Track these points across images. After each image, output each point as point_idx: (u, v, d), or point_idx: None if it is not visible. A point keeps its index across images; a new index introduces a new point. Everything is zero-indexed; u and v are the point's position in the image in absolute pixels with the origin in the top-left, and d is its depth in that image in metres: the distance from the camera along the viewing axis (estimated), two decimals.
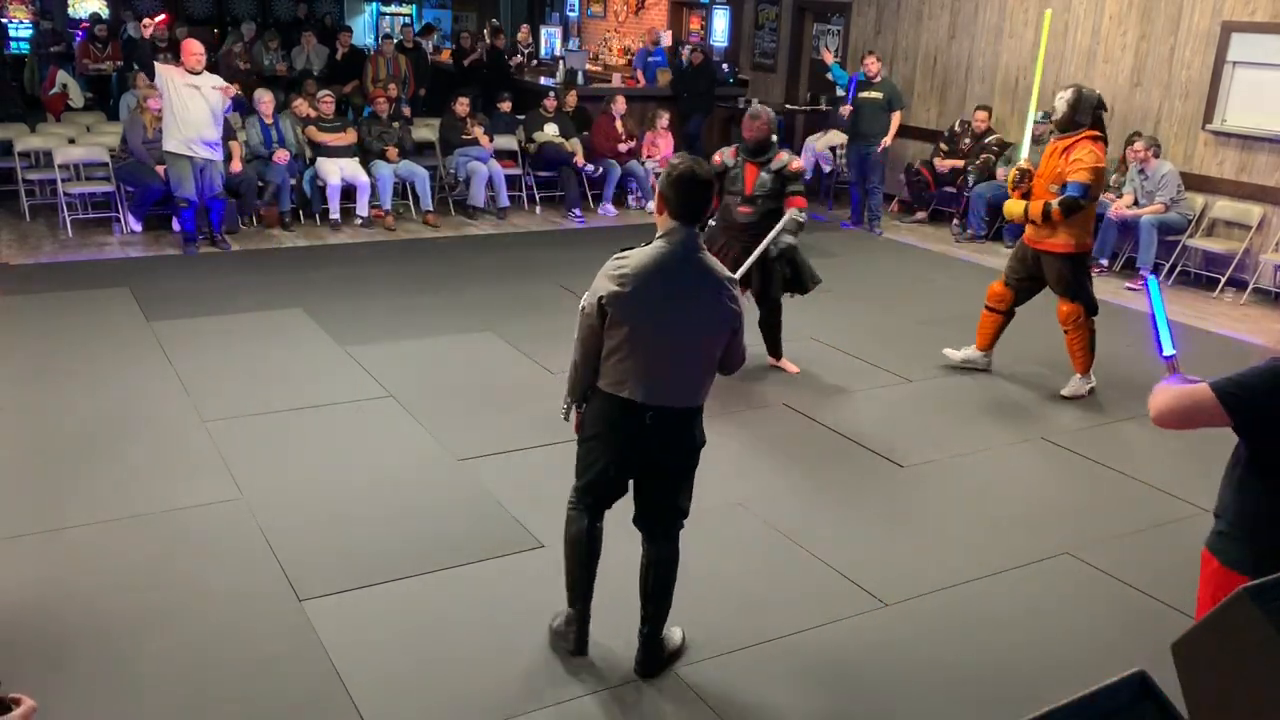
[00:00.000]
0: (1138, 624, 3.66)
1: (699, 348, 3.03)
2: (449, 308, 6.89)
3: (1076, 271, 5.55)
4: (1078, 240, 5.46)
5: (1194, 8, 8.26)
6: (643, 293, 2.94)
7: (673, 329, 2.98)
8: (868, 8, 11.10)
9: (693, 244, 3.00)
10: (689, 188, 2.98)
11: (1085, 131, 5.36)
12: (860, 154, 9.65)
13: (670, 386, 3.02)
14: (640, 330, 2.96)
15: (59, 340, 5.96)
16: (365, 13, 18.91)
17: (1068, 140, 5.39)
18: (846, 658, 3.42)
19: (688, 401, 3.07)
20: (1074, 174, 5.29)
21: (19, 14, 14.61)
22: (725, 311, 3.01)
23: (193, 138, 7.52)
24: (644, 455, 3.12)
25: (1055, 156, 5.44)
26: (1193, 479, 4.73)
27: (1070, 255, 5.49)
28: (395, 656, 3.31)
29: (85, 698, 3.07)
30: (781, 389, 5.73)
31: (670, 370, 3.01)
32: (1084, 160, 5.29)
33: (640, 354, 2.98)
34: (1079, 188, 5.28)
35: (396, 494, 4.39)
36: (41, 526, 4.00)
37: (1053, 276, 5.58)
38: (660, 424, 3.04)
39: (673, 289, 2.97)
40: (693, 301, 2.99)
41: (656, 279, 2.95)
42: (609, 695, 3.17)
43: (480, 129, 9.66)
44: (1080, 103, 5.33)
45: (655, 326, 2.97)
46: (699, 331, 3.01)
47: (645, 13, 14.74)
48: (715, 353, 3.07)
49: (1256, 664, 1.54)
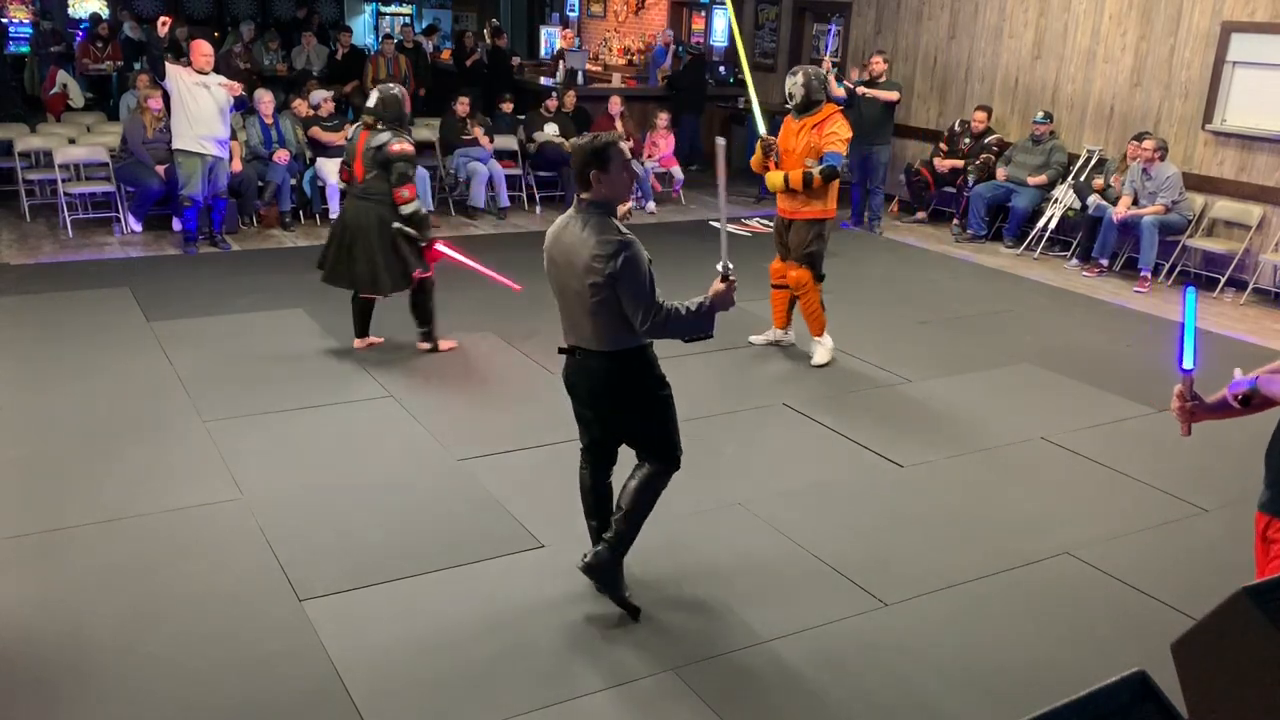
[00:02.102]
0: (1138, 624, 3.66)
1: (579, 296, 3.37)
2: (448, 308, 6.89)
3: (820, 237, 5.95)
4: (824, 207, 5.90)
5: (1194, 8, 8.26)
6: (547, 248, 3.46)
7: (563, 278, 3.42)
8: (868, 8, 11.10)
9: (585, 209, 3.38)
10: (584, 161, 3.35)
11: (827, 106, 5.83)
12: (862, 155, 9.65)
13: (571, 327, 3.47)
14: (550, 277, 3.47)
15: (59, 340, 5.97)
16: (365, 13, 18.91)
17: (816, 117, 5.79)
18: (846, 658, 3.42)
19: (591, 344, 3.43)
20: (830, 145, 5.71)
21: (19, 14, 14.61)
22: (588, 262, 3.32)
23: (204, 135, 7.58)
24: (582, 391, 3.54)
25: (806, 132, 5.80)
26: (1193, 479, 4.73)
27: (818, 220, 5.92)
28: (395, 656, 3.31)
29: (85, 697, 3.07)
30: (782, 389, 5.73)
31: (568, 313, 3.46)
32: (838, 132, 5.74)
33: (557, 299, 3.48)
34: (837, 157, 5.74)
35: (396, 494, 4.39)
36: (41, 526, 4.00)
37: (798, 242, 5.96)
38: (581, 362, 3.47)
39: (560, 246, 3.42)
40: (570, 255, 3.37)
41: (555, 236, 3.44)
42: (609, 695, 3.17)
43: (480, 129, 9.66)
44: (811, 84, 5.78)
45: (556, 276, 3.44)
46: (576, 282, 3.35)
47: (645, 12, 14.74)
48: (595, 303, 3.33)
49: (1256, 664, 1.54)
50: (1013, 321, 7.19)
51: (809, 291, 6.00)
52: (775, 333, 6.40)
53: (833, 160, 5.71)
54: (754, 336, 6.45)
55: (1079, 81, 9.15)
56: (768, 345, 6.39)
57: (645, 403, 3.51)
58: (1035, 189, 9.13)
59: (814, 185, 5.75)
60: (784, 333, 6.40)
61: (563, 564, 3.91)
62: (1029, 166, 9.20)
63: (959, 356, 6.37)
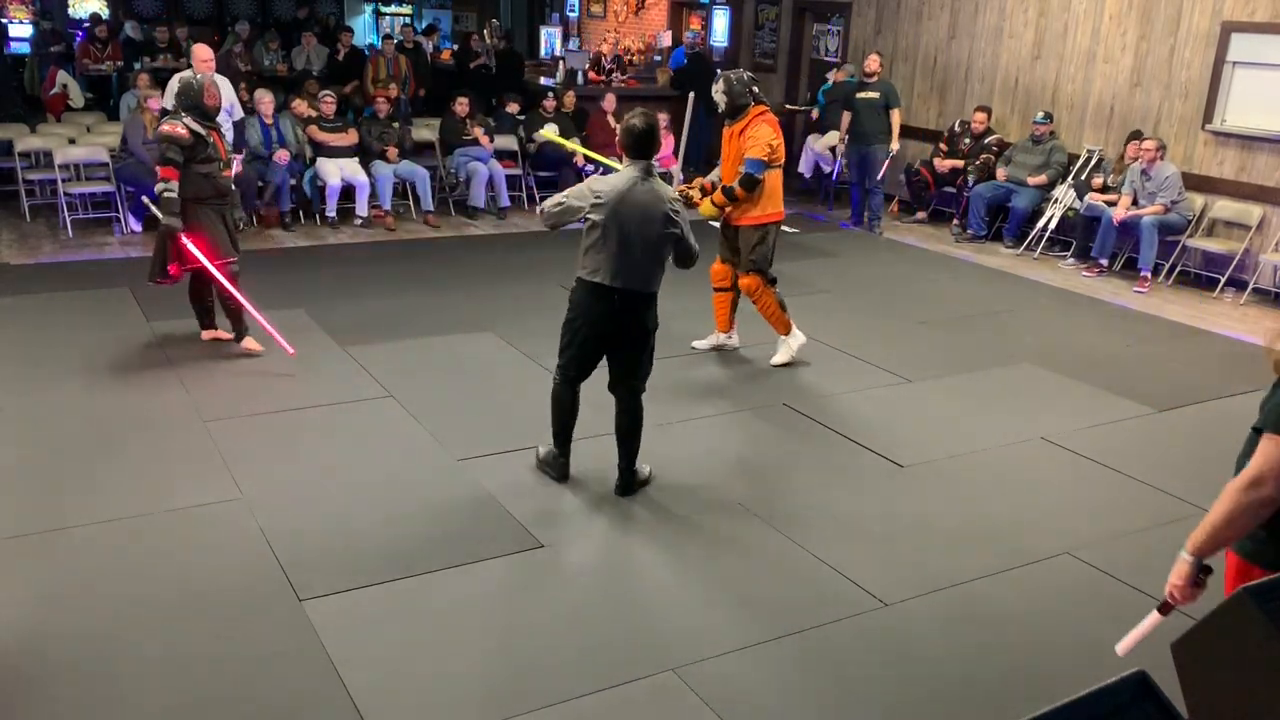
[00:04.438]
0: (1138, 624, 3.65)
1: (653, 245, 4.15)
2: (449, 308, 6.89)
3: (765, 241, 5.82)
4: (763, 212, 5.75)
5: (1194, 8, 8.26)
6: (614, 204, 4.09)
7: (631, 230, 4.09)
8: (868, 8, 11.10)
9: (647, 172, 4.18)
10: (641, 136, 4.18)
11: (753, 110, 5.68)
12: (860, 154, 9.66)
13: (630, 274, 4.13)
14: (609, 230, 4.09)
15: (59, 340, 5.96)
16: (365, 13, 18.91)
17: (741, 122, 5.68)
18: (846, 658, 3.42)
19: (644, 287, 4.19)
20: (751, 150, 5.60)
21: (19, 14, 14.61)
22: (668, 218, 4.16)
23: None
24: (614, 332, 4.23)
25: (734, 140, 5.73)
26: (1193, 479, 4.73)
27: (760, 225, 5.78)
28: (395, 656, 3.31)
29: (84, 697, 3.07)
30: (781, 389, 5.73)
31: (630, 261, 4.12)
32: (758, 136, 5.60)
33: (609, 248, 4.10)
34: (755, 164, 5.59)
35: (396, 494, 4.39)
36: (41, 526, 4.00)
37: (745, 247, 5.85)
38: (624, 304, 4.16)
39: (633, 202, 4.11)
40: (648, 210, 4.12)
41: (624, 195, 4.11)
42: (608, 695, 3.17)
43: (480, 129, 9.66)
44: (733, 89, 5.67)
45: (620, 229, 4.08)
46: (651, 233, 4.13)
47: (645, 12, 14.73)
48: (664, 251, 4.22)
49: (1256, 664, 1.54)
50: (1013, 321, 7.19)
51: (763, 295, 5.87)
52: (719, 336, 6.25)
53: (750, 169, 5.57)
54: (697, 342, 6.28)
55: (1079, 81, 9.16)
56: (710, 350, 6.23)
57: (653, 336, 4.34)
58: (1035, 189, 9.13)
59: (738, 197, 5.65)
60: (727, 336, 6.25)
61: (563, 564, 3.91)
62: (1029, 166, 9.20)
63: (959, 356, 6.37)
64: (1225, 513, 2.28)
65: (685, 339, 6.32)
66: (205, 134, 5.56)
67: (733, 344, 6.28)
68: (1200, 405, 5.71)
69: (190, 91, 5.59)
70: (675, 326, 6.57)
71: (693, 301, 6.53)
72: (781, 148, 5.74)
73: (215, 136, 5.66)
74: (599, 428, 4.60)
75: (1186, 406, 5.71)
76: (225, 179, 5.71)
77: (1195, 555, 2.38)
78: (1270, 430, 2.23)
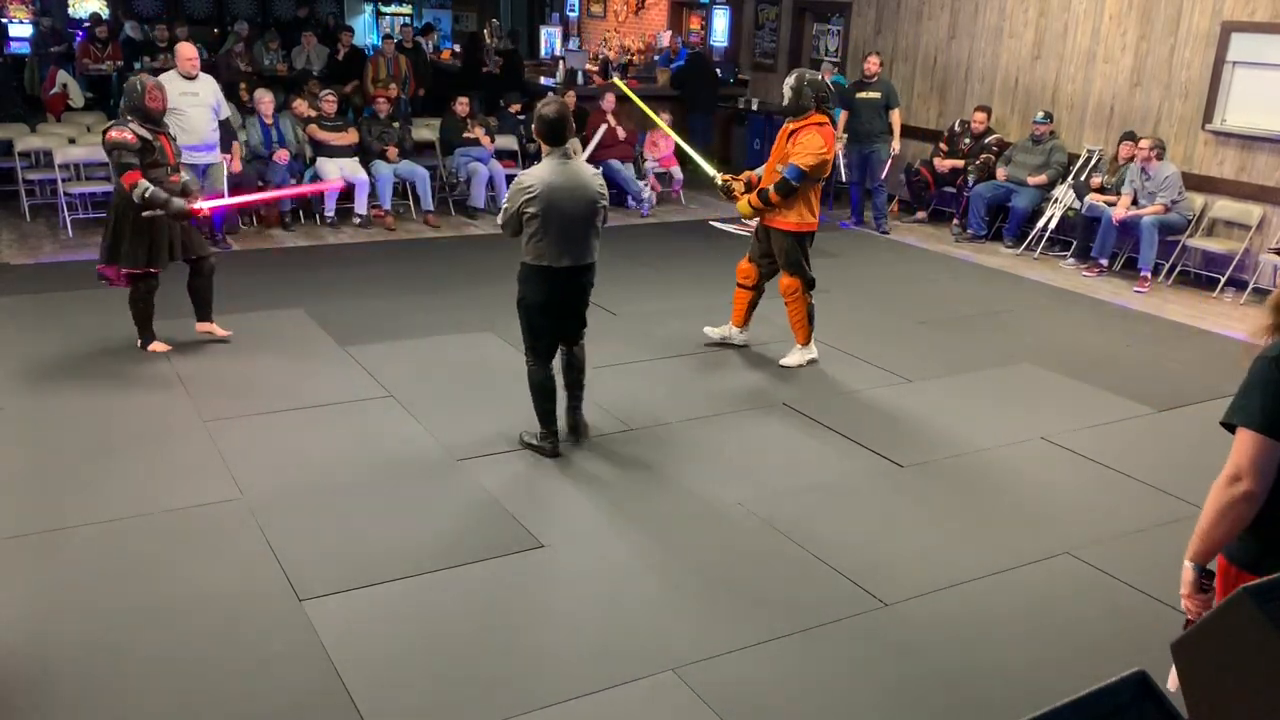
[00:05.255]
0: (1138, 624, 3.66)
1: (587, 220, 4.52)
2: (449, 308, 6.89)
3: (798, 248, 5.86)
4: (799, 219, 5.79)
5: (1194, 8, 8.26)
6: (546, 193, 4.38)
7: (567, 210, 4.42)
8: (868, 8, 11.10)
9: (565, 156, 4.49)
10: (554, 124, 4.45)
11: (812, 116, 5.65)
12: (861, 154, 9.66)
13: (573, 250, 4.51)
14: (549, 217, 4.39)
15: (59, 340, 5.97)
16: (365, 12, 18.90)
17: (797, 124, 5.68)
18: (846, 658, 3.42)
19: (587, 259, 4.59)
20: (796, 157, 5.60)
21: (19, 14, 14.61)
22: (595, 194, 4.54)
23: (194, 144, 7.53)
24: (563, 302, 4.61)
25: (783, 140, 5.75)
26: (1192, 479, 4.72)
27: (793, 233, 5.82)
28: (395, 656, 3.31)
29: (84, 697, 3.07)
30: (781, 389, 5.73)
31: (571, 239, 4.48)
32: (808, 144, 5.58)
33: (551, 233, 4.43)
34: (795, 171, 5.59)
35: (396, 494, 4.39)
36: (41, 526, 4.00)
37: (778, 250, 5.91)
38: (571, 277, 4.55)
39: (562, 186, 4.42)
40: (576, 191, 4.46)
41: (552, 182, 4.41)
42: (608, 695, 3.17)
43: (481, 129, 9.65)
44: (803, 88, 5.63)
45: (559, 212, 4.40)
46: (584, 210, 4.48)
47: (645, 12, 14.73)
48: (598, 221, 4.58)
49: (1256, 664, 1.54)
50: (1013, 321, 7.19)
51: (798, 300, 5.91)
52: (730, 329, 6.28)
53: (789, 174, 5.58)
54: (709, 328, 6.35)
55: (1079, 81, 9.15)
56: (718, 341, 6.27)
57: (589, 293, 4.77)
58: (1035, 189, 9.12)
59: (772, 201, 5.68)
60: (739, 331, 6.28)
61: (562, 564, 3.91)
62: (1029, 166, 9.20)
63: (959, 356, 6.37)
64: (1210, 513, 2.29)
65: (685, 339, 6.34)
66: (152, 138, 5.50)
67: (739, 340, 6.31)
68: (1200, 405, 5.71)
69: (133, 94, 5.52)
70: (674, 326, 6.58)
71: (693, 301, 6.53)
72: (829, 163, 5.72)
73: (163, 140, 5.61)
74: (599, 428, 4.60)
75: (1186, 406, 5.71)
76: (173, 183, 5.64)
77: (1194, 561, 2.38)
78: (1240, 424, 2.23)
